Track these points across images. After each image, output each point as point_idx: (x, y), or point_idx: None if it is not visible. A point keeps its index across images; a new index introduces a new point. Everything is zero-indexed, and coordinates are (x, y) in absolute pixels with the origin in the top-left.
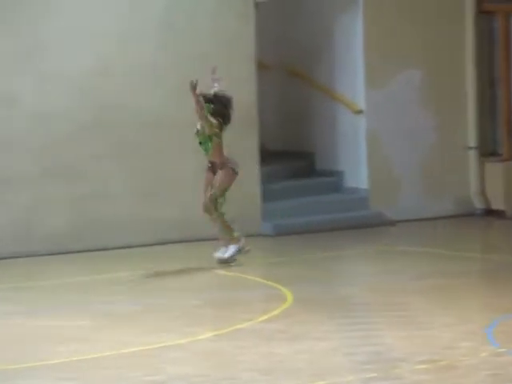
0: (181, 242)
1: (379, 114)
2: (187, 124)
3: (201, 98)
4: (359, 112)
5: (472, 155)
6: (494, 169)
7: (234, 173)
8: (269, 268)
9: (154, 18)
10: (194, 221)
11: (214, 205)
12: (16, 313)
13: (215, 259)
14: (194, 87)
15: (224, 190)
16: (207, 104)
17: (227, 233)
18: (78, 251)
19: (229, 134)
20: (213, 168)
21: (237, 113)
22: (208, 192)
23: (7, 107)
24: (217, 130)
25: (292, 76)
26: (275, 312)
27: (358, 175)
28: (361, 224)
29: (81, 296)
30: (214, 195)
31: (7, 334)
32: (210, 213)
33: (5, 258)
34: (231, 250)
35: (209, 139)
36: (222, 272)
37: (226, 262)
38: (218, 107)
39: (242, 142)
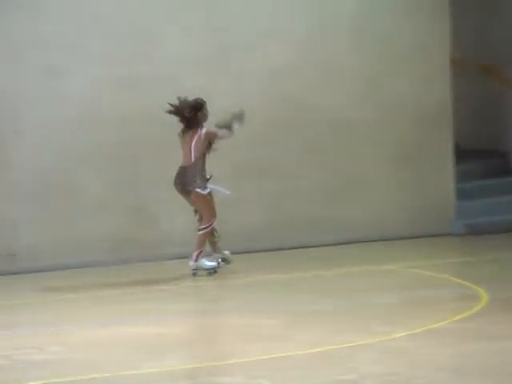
0: (370, 241)
1: None
2: (372, 124)
3: None
4: None
5: None
6: None
7: None
8: (461, 267)
9: (345, 18)
10: (384, 220)
11: None
12: (205, 311)
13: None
14: None
15: None
16: None
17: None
18: (269, 249)
19: (421, 133)
20: None
21: (430, 111)
22: None
23: None
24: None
25: (487, 73)
26: (469, 312)
27: None
28: None
29: (271, 294)
30: None
31: (197, 333)
32: None
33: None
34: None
35: None
36: (412, 271)
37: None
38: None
39: (436, 140)
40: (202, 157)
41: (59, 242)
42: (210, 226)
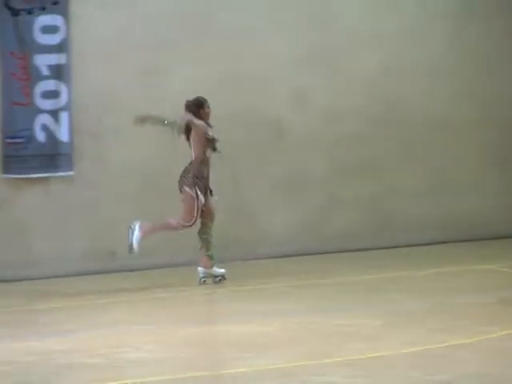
0: (468, 240)
1: None
2: (472, 125)
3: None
4: None
5: None
6: None
7: None
8: None
9: (443, 18)
10: (482, 220)
11: None
12: (299, 310)
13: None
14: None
15: None
16: None
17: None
18: (366, 249)
19: (500, 132)
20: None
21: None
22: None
23: (300, 106)
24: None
25: None
26: None
27: None
28: None
29: (366, 294)
30: None
31: (292, 332)
32: None
33: (293, 256)
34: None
35: None
36: (510, 271)
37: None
38: None
39: None
40: (201, 154)
41: (159, 241)
42: (182, 226)
